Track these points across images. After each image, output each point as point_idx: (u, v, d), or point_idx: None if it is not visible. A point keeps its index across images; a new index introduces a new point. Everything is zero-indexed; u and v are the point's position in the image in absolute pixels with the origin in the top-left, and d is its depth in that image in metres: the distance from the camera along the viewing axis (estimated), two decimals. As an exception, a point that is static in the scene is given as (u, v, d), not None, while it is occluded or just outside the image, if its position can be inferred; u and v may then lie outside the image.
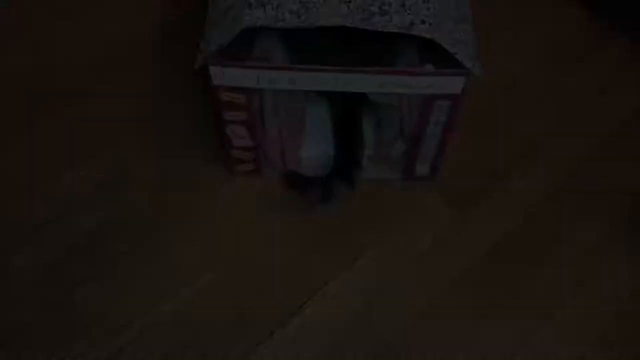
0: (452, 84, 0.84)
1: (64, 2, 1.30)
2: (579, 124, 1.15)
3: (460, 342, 0.92)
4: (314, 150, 1.07)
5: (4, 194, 1.05)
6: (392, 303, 0.95)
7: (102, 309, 0.94)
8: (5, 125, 1.13)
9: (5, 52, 1.23)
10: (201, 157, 1.09)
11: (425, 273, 0.98)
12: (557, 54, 1.24)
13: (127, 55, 1.22)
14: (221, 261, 0.99)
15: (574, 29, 1.28)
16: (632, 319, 0.94)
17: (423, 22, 0.77)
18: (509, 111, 1.16)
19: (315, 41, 0.94)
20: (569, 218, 1.04)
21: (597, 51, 1.25)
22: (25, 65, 1.20)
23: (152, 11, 1.28)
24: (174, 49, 1.23)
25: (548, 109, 1.17)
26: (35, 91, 1.17)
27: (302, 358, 0.90)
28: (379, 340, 0.92)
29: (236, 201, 1.05)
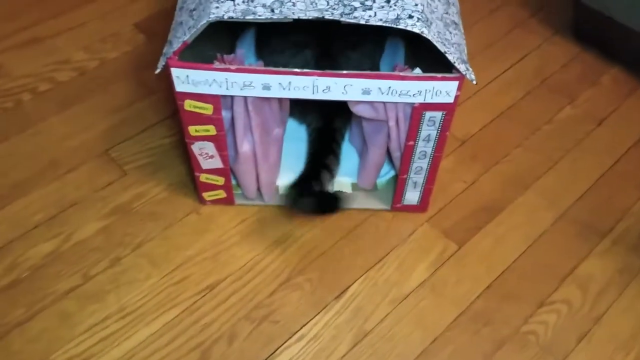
0: (444, 90, 0.75)
1: (34, 30, 1.22)
2: (577, 155, 1.06)
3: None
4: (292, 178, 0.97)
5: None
6: (381, 348, 0.82)
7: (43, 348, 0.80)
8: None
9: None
10: (167, 185, 0.98)
11: (419, 314, 0.86)
12: (551, 85, 1.18)
13: (95, 80, 1.14)
14: (186, 298, 0.86)
15: (565, 61, 1.23)
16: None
17: (410, 16, 0.69)
18: (505, 141, 1.08)
19: (294, 47, 0.87)
20: (574, 253, 0.93)
21: (589, 82, 1.19)
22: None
23: (124, 43, 1.21)
24: (143, 75, 1.15)
25: (545, 140, 1.09)
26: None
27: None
28: (365, 390, 0.79)
29: (205, 233, 0.93)
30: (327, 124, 0.94)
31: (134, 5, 1.30)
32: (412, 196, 0.93)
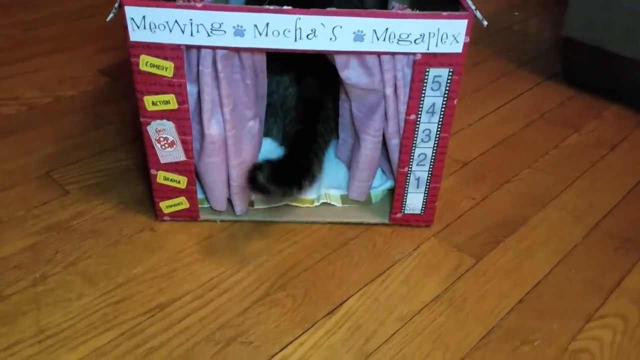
0: (450, 33, 0.64)
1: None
2: (596, 175, 0.93)
3: None
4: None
5: None
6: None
7: None
8: None
9: None
10: (115, 203, 0.81)
11: (436, 332, 0.66)
12: (551, 119, 1.09)
13: (46, 113, 1.01)
14: (128, 319, 0.65)
15: (562, 100, 1.15)
16: None
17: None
18: (511, 163, 0.95)
19: None
20: (616, 266, 0.76)
21: (592, 116, 1.10)
22: None
23: (84, 84, 1.11)
24: (102, 109, 1.03)
25: (556, 162, 0.96)
26: None
27: None
28: None
29: (159, 250, 0.74)
30: (309, 126, 0.81)
31: (101, 55, 1.21)
32: (414, 201, 0.77)
